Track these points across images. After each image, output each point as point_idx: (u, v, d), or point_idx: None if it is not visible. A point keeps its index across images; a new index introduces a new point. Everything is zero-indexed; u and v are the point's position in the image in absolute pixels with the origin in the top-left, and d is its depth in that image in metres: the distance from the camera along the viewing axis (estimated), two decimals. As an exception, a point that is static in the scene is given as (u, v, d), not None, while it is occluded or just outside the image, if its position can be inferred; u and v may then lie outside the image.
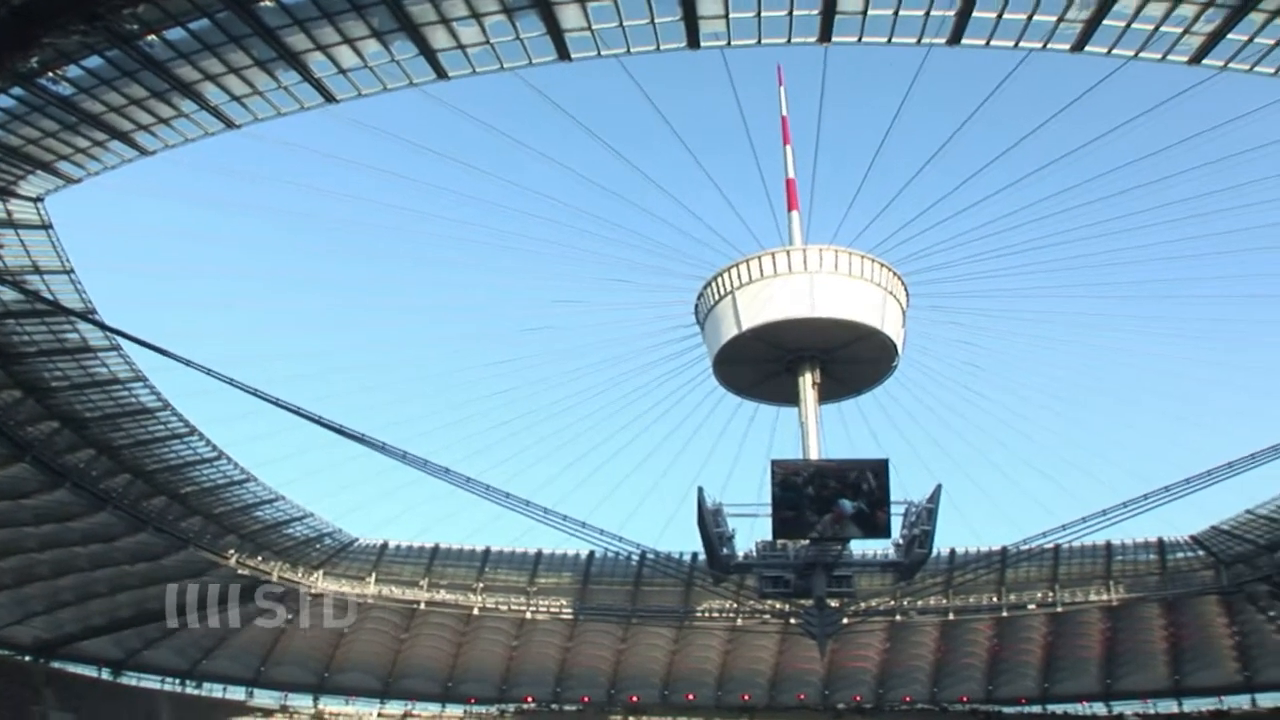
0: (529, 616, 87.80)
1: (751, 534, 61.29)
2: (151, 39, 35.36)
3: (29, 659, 76.81)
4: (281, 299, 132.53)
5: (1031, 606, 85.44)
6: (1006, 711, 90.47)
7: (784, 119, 68.53)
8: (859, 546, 63.25)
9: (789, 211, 66.63)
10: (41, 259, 49.20)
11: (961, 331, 68.86)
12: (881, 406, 73.55)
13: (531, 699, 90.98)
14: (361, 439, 50.95)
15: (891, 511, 57.93)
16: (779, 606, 70.35)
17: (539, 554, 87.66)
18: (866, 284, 63.30)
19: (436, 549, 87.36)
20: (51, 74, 36.60)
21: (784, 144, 67.95)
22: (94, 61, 36.25)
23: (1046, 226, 59.70)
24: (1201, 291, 70.69)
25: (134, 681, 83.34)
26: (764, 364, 67.44)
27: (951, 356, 71.08)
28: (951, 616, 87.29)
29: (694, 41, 38.75)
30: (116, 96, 38.84)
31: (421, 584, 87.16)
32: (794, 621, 69.89)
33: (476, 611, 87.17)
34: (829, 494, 57.40)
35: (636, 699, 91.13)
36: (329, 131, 55.55)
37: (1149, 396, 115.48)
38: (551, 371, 74.70)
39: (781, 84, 68.67)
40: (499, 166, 70.53)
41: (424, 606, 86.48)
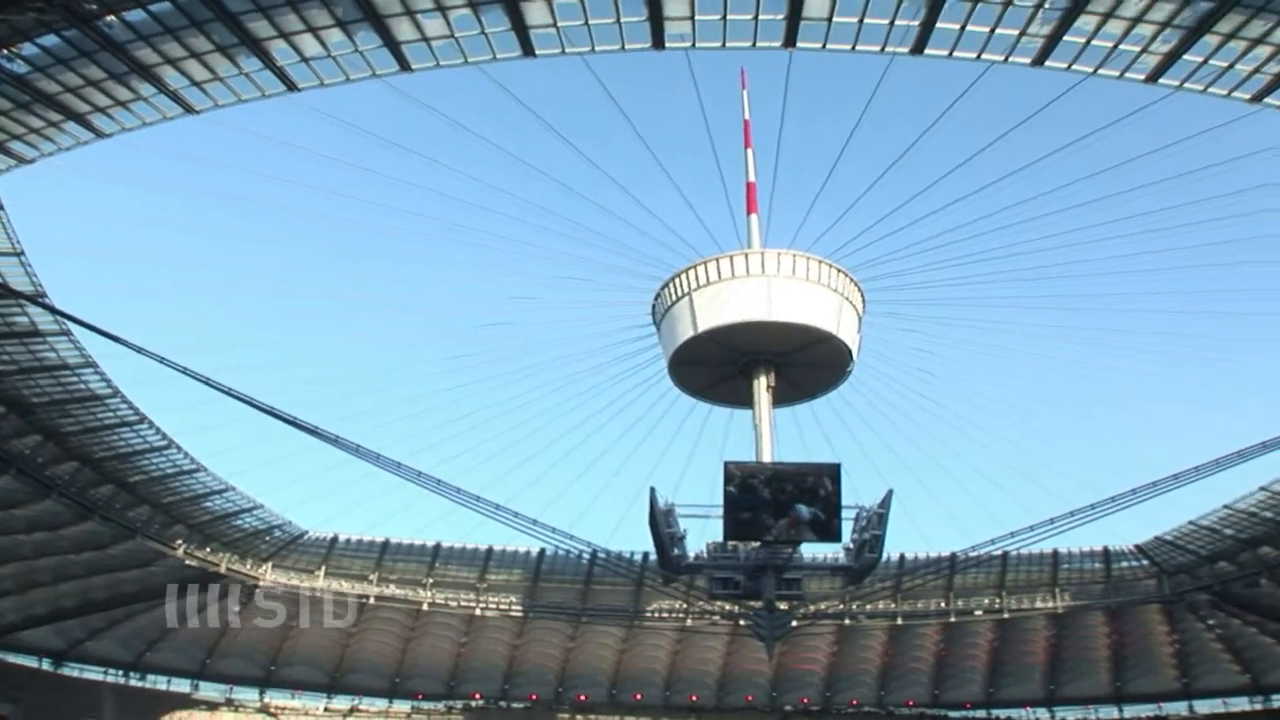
0: (478, 613, 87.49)
1: (703, 535, 61.60)
2: (111, 20, 34.88)
3: (-33, 648, 75.59)
4: (236, 288, 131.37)
5: (979, 612, 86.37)
6: (952, 716, 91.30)
7: (746, 122, 68.81)
8: (809, 550, 63.69)
9: (748, 215, 66.97)
10: (-9, 240, 48.46)
11: (916, 339, 69.58)
12: (835, 411, 74.12)
13: (479, 696, 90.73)
14: (314, 431, 50.60)
15: (842, 516, 58.43)
16: (728, 608, 70.76)
17: (489, 550, 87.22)
18: (823, 289, 63.72)
19: (387, 543, 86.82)
20: (6, 51, 35.96)
21: (745, 147, 68.22)
22: (51, 40, 35.68)
23: (1003, 237, 60.50)
24: (1151, 305, 71.54)
25: (76, 673, 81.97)
26: (719, 366, 67.73)
27: (906, 363, 71.80)
28: (900, 621, 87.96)
29: (659, 42, 38.86)
30: (73, 77, 38.24)
31: (371, 578, 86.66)
32: (743, 623, 70.30)
33: (426, 607, 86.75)
34: (785, 498, 57.68)
35: (584, 697, 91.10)
36: (290, 120, 55.39)
37: (1098, 407, 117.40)
38: (507, 368, 74.40)
39: (745, 87, 68.91)
40: (460, 161, 70.55)
41: (373, 601, 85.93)
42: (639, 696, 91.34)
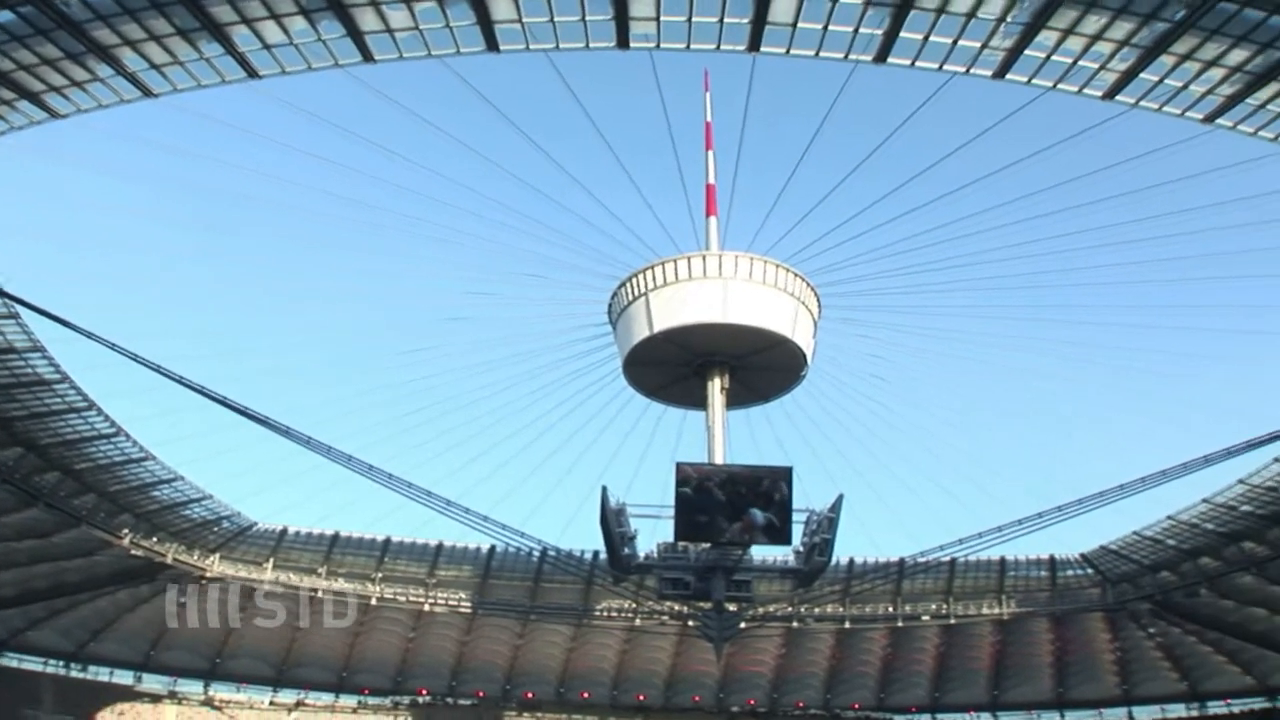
0: (427, 608, 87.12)
1: (653, 535, 61.72)
2: (69, -2, 34.44)
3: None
4: (190, 275, 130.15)
5: (926, 618, 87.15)
6: (897, 719, 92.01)
7: (708, 124, 68.94)
8: (759, 552, 64.18)
9: (707, 217, 67.10)
10: (-62, 220, 47.64)
11: (871, 345, 70.09)
12: (788, 415, 74.49)
13: (426, 691, 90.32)
14: (265, 422, 50.36)
15: (793, 519, 58.79)
16: (677, 608, 70.90)
17: (440, 546, 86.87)
18: (780, 293, 63.97)
19: (336, 537, 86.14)
20: (-41, 27, 35.43)
21: (706, 149, 68.39)
22: (5, 16, 35.02)
23: (959, 246, 61.03)
24: (1103, 318, 72.53)
25: (15, 663, 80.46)
26: (674, 367, 67.83)
27: (859, 369, 72.28)
28: (847, 625, 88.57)
29: (624, 41, 38.91)
30: (28, 55, 37.58)
31: (320, 571, 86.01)
32: (692, 624, 70.49)
33: (374, 601, 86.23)
34: (739, 500, 57.90)
35: (532, 695, 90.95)
36: (250, 107, 54.75)
37: (1047, 417, 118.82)
38: (461, 363, 74.20)
39: (708, 89, 69.05)
40: (422, 154, 70.25)
41: (321, 594, 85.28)
42: (586, 695, 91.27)
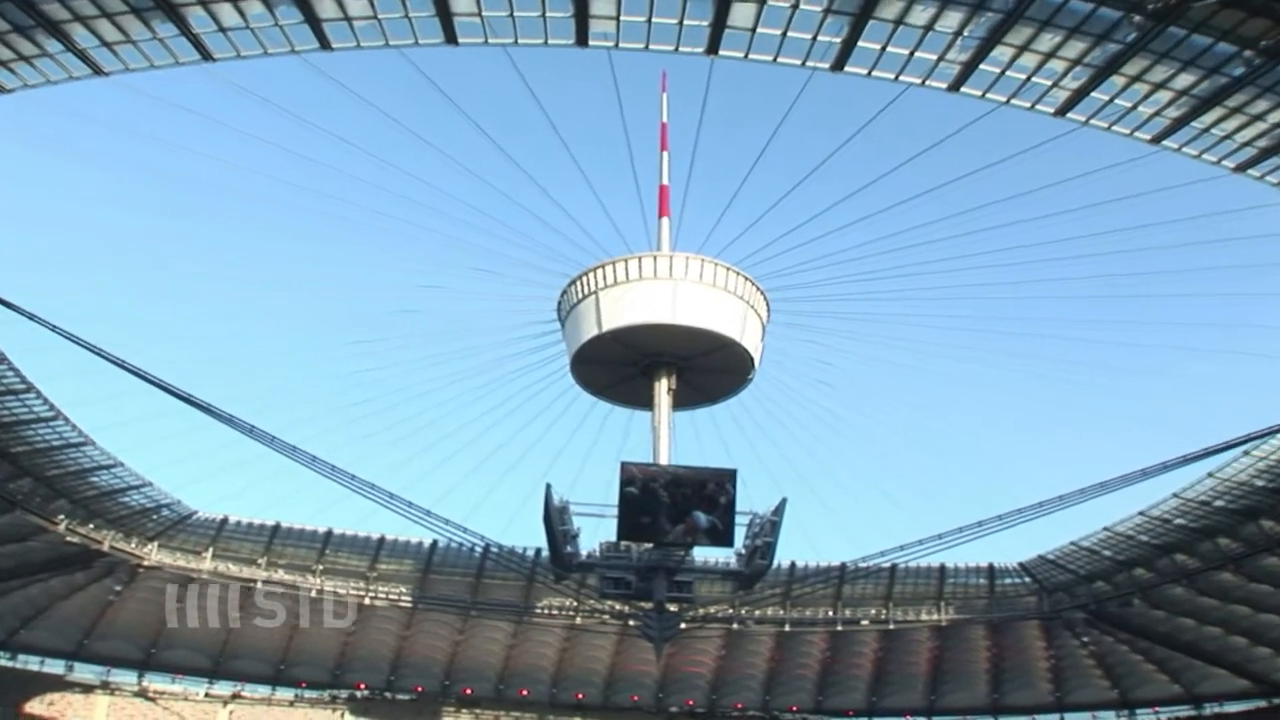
0: (367, 602, 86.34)
1: (596, 534, 61.73)
2: (18, -29, 33.82)
3: None
4: (135, 258, 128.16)
5: (865, 622, 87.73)
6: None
7: (663, 125, 69.21)
8: (701, 553, 64.24)
9: (660, 218, 67.37)
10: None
11: (818, 350, 70.59)
12: (733, 417, 74.86)
13: (364, 686, 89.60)
14: (209, 409, 49.88)
15: (736, 521, 59.14)
16: (618, 608, 70.90)
17: (382, 539, 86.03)
18: (729, 296, 64.32)
19: (277, 527, 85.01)
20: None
21: (661, 150, 68.54)
22: (-50, -11, 34.47)
23: (909, 256, 61.72)
24: (1048, 331, 73.53)
25: (-58, 650, 79.18)
26: (621, 366, 67.99)
27: (806, 374, 72.80)
28: (787, 628, 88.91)
29: (583, 39, 39.00)
30: (-27, 28, 36.93)
31: (260, 562, 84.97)
32: (632, 623, 70.63)
33: (314, 594, 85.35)
34: (683, 502, 58.11)
35: (470, 691, 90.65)
36: (203, 90, 54.05)
37: (990, 428, 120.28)
38: (408, 356, 73.79)
39: (665, 90, 69.24)
40: (377, 145, 69.83)
41: (261, 585, 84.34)
42: (525, 693, 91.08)
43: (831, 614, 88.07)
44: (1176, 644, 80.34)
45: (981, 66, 39.24)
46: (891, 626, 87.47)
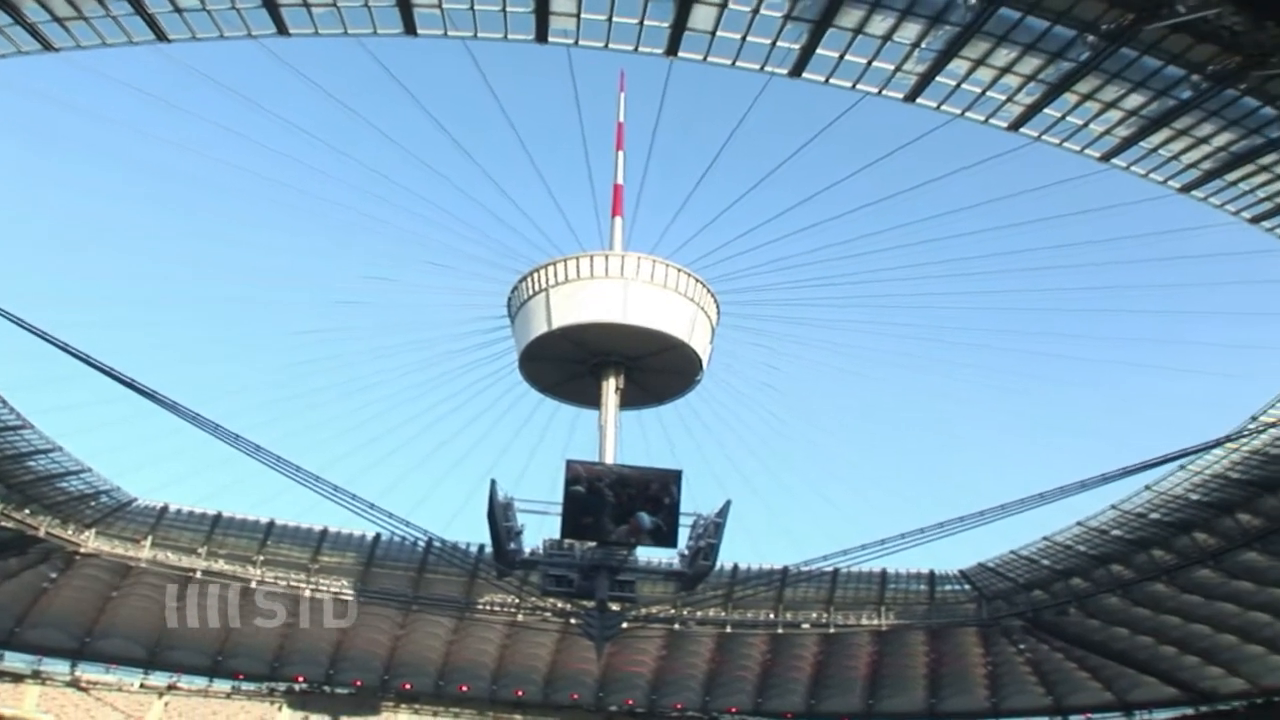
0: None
1: (540, 531, 61.53)
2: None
3: None
4: (78, 239, 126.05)
5: (806, 625, 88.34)
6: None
7: (620, 125, 69.05)
8: (644, 553, 64.52)
9: (613, 217, 67.28)
10: None
11: (766, 354, 70.87)
12: (680, 418, 74.96)
13: (303, 679, 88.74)
14: (151, 395, 48.98)
15: (680, 522, 59.26)
16: (560, 605, 70.81)
17: (324, 531, 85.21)
18: (679, 297, 64.44)
19: (219, 517, 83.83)
20: None
21: (616, 149, 68.50)
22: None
23: (859, 263, 61.84)
24: (993, 343, 74.50)
25: None
26: (570, 364, 67.88)
27: (753, 377, 73.09)
28: (729, 629, 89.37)
29: (543, 36, 39.06)
30: (-83, -1, 36.06)
31: (200, 552, 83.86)
32: (574, 622, 70.51)
33: (254, 585, 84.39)
34: (628, 502, 58.15)
35: (410, 686, 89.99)
36: (157, 71, 53.19)
37: (934, 436, 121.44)
38: (356, 347, 73.17)
39: (623, 90, 69.09)
40: (329, 133, 69.18)
41: (200, 575, 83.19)
42: (465, 689, 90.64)
43: (773, 616, 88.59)
44: (1110, 652, 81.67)
45: (938, 79, 39.77)
46: (832, 630, 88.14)
